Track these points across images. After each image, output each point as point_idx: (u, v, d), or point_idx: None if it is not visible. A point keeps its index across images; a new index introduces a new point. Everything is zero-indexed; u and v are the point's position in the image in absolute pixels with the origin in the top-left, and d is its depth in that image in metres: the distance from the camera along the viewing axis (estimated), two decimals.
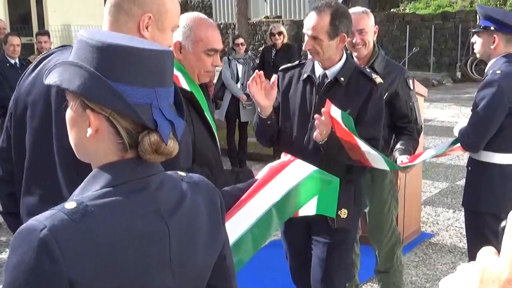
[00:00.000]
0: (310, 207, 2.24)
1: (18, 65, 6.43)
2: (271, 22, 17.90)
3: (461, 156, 7.17)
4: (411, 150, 3.25)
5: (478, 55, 3.32)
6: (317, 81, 2.76)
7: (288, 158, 2.21)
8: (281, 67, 2.97)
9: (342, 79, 2.71)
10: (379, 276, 3.72)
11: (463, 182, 3.55)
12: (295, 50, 7.84)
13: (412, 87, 3.42)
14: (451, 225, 5.32)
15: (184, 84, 2.14)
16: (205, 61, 2.22)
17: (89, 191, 1.09)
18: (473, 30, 3.29)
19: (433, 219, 5.48)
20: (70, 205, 1.04)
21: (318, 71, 2.77)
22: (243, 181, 2.12)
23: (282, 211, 2.14)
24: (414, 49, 13.44)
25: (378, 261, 3.67)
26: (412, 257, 4.61)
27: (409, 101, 3.36)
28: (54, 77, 1.11)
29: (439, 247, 4.81)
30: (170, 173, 1.24)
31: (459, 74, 16.42)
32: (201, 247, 1.22)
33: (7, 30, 8.50)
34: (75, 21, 12.16)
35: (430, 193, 6.33)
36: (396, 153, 3.19)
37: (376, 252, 3.65)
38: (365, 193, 3.45)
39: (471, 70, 16.08)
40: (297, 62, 2.95)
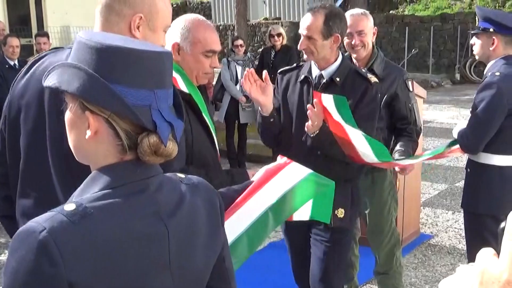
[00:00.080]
0: (304, 211, 2.24)
1: (17, 67, 6.43)
2: (270, 23, 17.93)
3: (460, 158, 7.18)
4: (410, 151, 3.26)
5: (477, 57, 3.33)
6: (313, 82, 2.82)
7: (284, 160, 2.21)
8: (280, 70, 3.05)
9: (338, 79, 2.77)
10: (379, 278, 3.72)
11: (462, 184, 3.56)
12: (294, 52, 7.83)
13: (411, 89, 3.42)
14: (450, 226, 5.32)
15: (182, 86, 2.14)
16: (203, 62, 2.22)
17: (88, 193, 1.09)
18: (472, 32, 3.29)
19: (432, 221, 5.48)
20: (69, 207, 1.04)
21: (315, 72, 2.83)
22: (238, 182, 2.12)
23: (278, 214, 2.14)
24: (413, 50, 13.43)
25: (378, 262, 3.68)
26: (411, 258, 4.61)
27: (408, 103, 3.37)
28: (53, 79, 1.11)
29: (438, 249, 4.81)
30: (169, 175, 1.24)
31: (458, 76, 16.44)
32: (200, 248, 1.22)
33: (6, 32, 8.51)
34: (74, 22, 12.17)
35: (429, 194, 6.33)
36: (396, 155, 3.19)
37: (376, 253, 3.65)
38: (366, 194, 3.46)
39: (470, 72, 16.10)
40: (295, 65, 3.02)
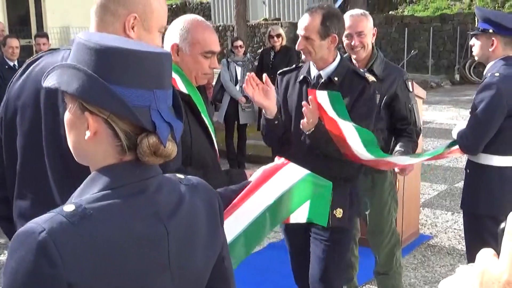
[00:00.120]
0: (301, 213, 2.24)
1: (17, 67, 6.43)
2: (269, 24, 17.93)
3: (459, 159, 7.18)
4: (410, 152, 3.26)
5: (476, 58, 3.33)
6: (312, 82, 2.84)
7: (282, 161, 2.21)
8: (279, 71, 3.07)
9: (336, 79, 2.79)
10: (378, 278, 3.73)
11: (462, 185, 3.56)
12: (293, 52, 7.83)
13: (411, 89, 3.42)
14: (449, 227, 5.32)
15: (182, 87, 2.15)
16: (202, 63, 2.23)
17: (87, 193, 1.09)
18: (472, 33, 3.29)
19: (431, 221, 5.48)
20: (68, 208, 1.04)
21: (313, 72, 2.86)
22: (236, 182, 2.12)
23: (275, 214, 2.14)
24: (413, 51, 13.46)
25: (378, 263, 3.68)
26: (410, 259, 4.61)
27: (408, 103, 3.37)
28: (53, 79, 1.11)
29: (437, 249, 4.81)
30: (169, 175, 1.24)
31: (457, 77, 16.44)
32: (200, 249, 1.22)
33: (6, 32, 8.51)
34: (73, 23, 12.16)
35: (429, 195, 6.33)
36: (396, 155, 3.19)
37: (376, 253, 3.65)
38: (366, 195, 3.47)
39: (470, 73, 16.10)
40: (294, 66, 3.04)
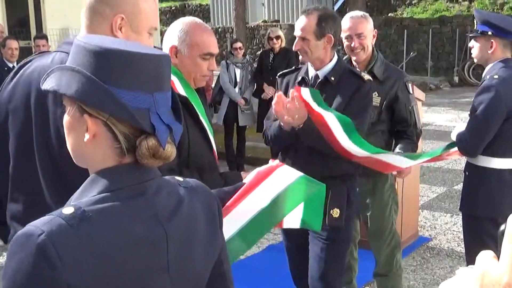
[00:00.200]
0: (295, 217, 2.25)
1: None
2: (269, 26, 17.94)
3: (458, 161, 7.18)
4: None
5: (475, 60, 3.33)
6: (310, 82, 2.89)
7: (276, 163, 2.22)
8: (279, 73, 3.13)
9: (333, 78, 2.83)
10: (378, 280, 3.72)
11: (461, 187, 3.56)
12: (293, 54, 7.81)
13: (411, 91, 3.43)
14: (448, 229, 5.32)
15: (180, 89, 2.15)
16: (201, 65, 2.23)
17: (86, 196, 1.09)
18: (471, 35, 3.29)
19: (430, 223, 5.48)
20: (67, 210, 1.04)
21: (311, 72, 2.91)
22: (232, 184, 2.12)
23: (269, 217, 2.14)
24: (412, 53, 13.48)
25: (378, 264, 3.67)
26: (410, 261, 4.60)
27: (408, 105, 3.37)
28: (51, 82, 1.11)
29: (437, 251, 4.81)
30: (167, 178, 1.24)
31: (456, 79, 16.46)
32: (199, 251, 1.22)
33: (5, 34, 8.51)
34: (73, 25, 12.13)
35: (428, 197, 6.33)
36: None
37: (376, 255, 3.65)
38: (367, 196, 3.47)
39: (469, 75, 16.12)
40: (294, 67, 3.10)
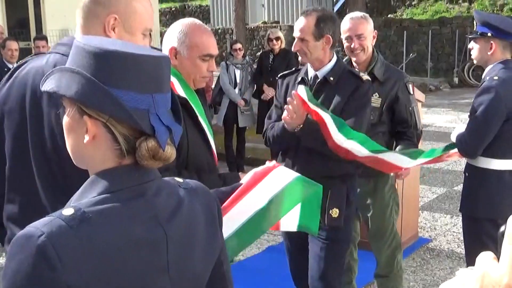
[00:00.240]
0: (292, 219, 2.25)
1: None
2: (268, 27, 17.95)
3: (458, 162, 7.18)
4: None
5: (475, 61, 3.33)
6: (309, 83, 2.91)
7: (273, 164, 2.23)
8: (280, 74, 3.16)
9: (332, 79, 2.86)
10: (379, 280, 3.72)
11: (461, 188, 3.56)
12: (292, 55, 7.80)
13: (411, 92, 3.43)
14: (448, 230, 5.32)
15: (179, 90, 2.15)
16: (200, 66, 2.23)
17: (86, 197, 1.09)
18: (470, 36, 3.29)
19: (430, 224, 5.47)
20: (67, 211, 1.04)
21: (311, 73, 2.95)
22: (230, 185, 2.13)
23: (266, 217, 2.15)
24: (412, 55, 13.47)
25: (379, 265, 3.67)
26: (410, 262, 4.60)
27: (408, 106, 3.37)
28: (51, 83, 1.11)
29: (437, 253, 4.80)
30: (167, 179, 1.24)
31: (456, 80, 16.47)
32: (198, 252, 1.22)
33: (5, 35, 8.51)
34: (73, 26, 12.03)
35: (428, 198, 6.33)
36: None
37: (377, 256, 3.65)
38: (368, 197, 3.47)
39: (469, 76, 16.13)
40: (294, 69, 3.12)
